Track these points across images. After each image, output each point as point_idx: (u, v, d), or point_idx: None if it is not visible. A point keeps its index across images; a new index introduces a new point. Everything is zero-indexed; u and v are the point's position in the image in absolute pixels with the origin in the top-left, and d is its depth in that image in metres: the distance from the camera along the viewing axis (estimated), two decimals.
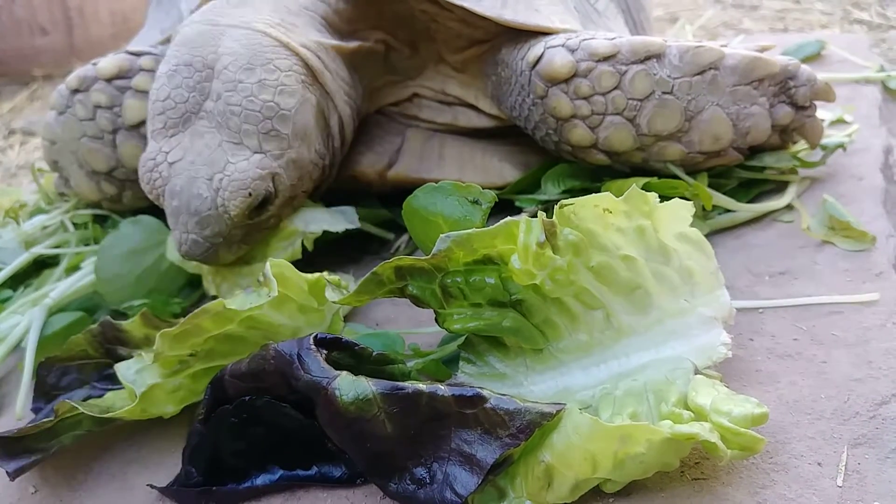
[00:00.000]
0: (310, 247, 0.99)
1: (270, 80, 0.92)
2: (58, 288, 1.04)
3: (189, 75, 0.92)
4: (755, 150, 1.03)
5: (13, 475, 0.77)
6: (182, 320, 0.78)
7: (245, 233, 0.94)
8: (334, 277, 0.84)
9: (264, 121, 0.91)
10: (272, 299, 0.79)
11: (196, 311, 0.77)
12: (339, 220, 1.03)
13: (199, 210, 0.88)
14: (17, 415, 0.90)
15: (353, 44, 1.07)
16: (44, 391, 0.86)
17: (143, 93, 1.05)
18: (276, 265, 0.80)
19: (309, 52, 0.98)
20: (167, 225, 1.07)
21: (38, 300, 1.02)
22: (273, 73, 0.92)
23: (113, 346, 0.85)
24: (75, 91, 1.07)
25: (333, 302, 0.79)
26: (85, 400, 0.83)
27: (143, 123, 1.05)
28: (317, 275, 0.82)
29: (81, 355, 0.86)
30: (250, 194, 0.89)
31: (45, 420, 0.78)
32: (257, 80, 0.91)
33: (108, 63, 1.07)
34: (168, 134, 0.91)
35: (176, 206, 0.89)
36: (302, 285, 0.82)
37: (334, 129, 1.03)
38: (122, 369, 0.80)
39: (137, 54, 1.08)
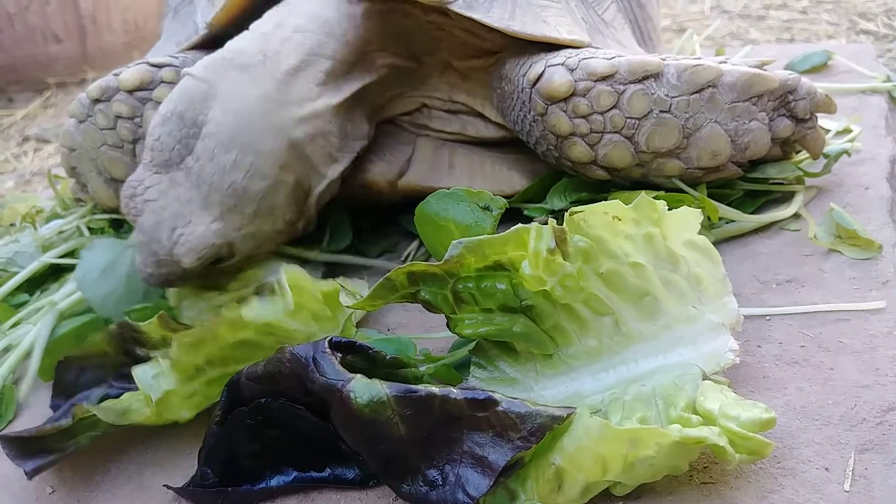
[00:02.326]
0: None
1: (245, 162, 0.92)
2: (70, 293, 1.06)
3: (178, 128, 0.92)
4: (757, 163, 1.04)
5: (31, 474, 0.78)
6: (194, 327, 0.80)
7: (204, 274, 0.95)
8: (348, 284, 0.85)
9: (229, 198, 0.91)
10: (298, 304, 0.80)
11: (212, 318, 0.79)
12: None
13: (156, 252, 0.89)
14: (21, 399, 0.93)
15: (351, 90, 1.06)
16: (63, 388, 0.87)
17: None
18: (292, 274, 0.81)
19: (300, 129, 0.97)
20: None
21: (51, 306, 1.03)
22: (248, 157, 0.92)
23: (131, 347, 0.86)
24: (96, 101, 1.09)
25: (347, 307, 0.80)
26: (102, 399, 0.84)
27: None
28: (331, 282, 0.84)
29: (100, 354, 0.88)
30: (201, 258, 0.90)
31: (62, 421, 0.79)
32: (232, 161, 0.91)
33: (131, 75, 1.08)
34: (153, 170, 0.93)
35: (141, 240, 0.91)
36: (317, 295, 0.84)
37: (316, 194, 1.02)
38: (139, 373, 0.81)
39: (159, 66, 1.09)
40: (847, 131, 1.22)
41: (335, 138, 1.04)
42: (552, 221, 0.74)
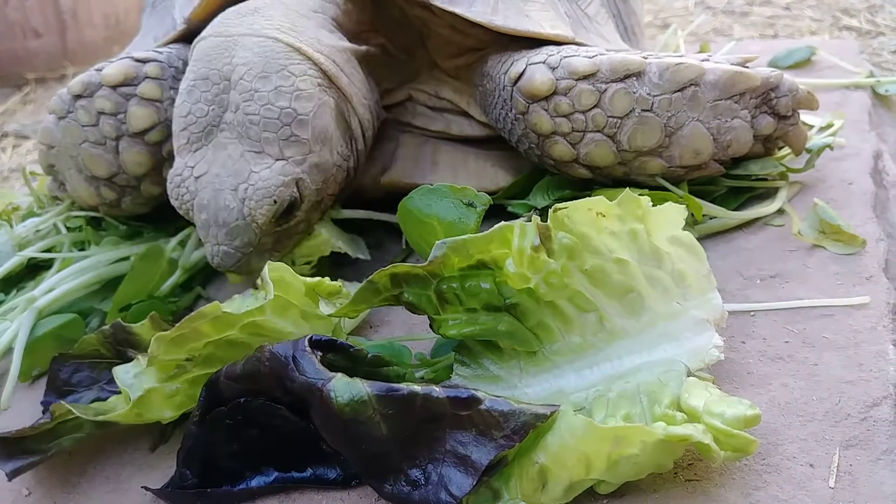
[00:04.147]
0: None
1: (286, 86, 0.92)
2: (48, 290, 1.04)
3: (207, 89, 0.93)
4: (740, 159, 1.03)
5: (11, 475, 0.77)
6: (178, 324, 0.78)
7: (275, 240, 0.95)
8: (335, 285, 0.83)
9: (283, 127, 0.91)
10: (274, 305, 0.78)
11: (192, 314, 0.77)
12: (356, 247, 1.06)
13: (226, 221, 0.89)
14: (3, 405, 0.91)
15: (363, 47, 1.07)
16: (55, 387, 0.86)
17: (149, 100, 1.04)
18: (275, 269, 0.80)
19: (322, 55, 0.98)
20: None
21: (29, 303, 1.01)
22: (288, 80, 0.93)
23: (123, 348, 0.85)
24: (78, 96, 1.06)
25: (328, 315, 0.79)
26: (93, 402, 0.82)
27: (147, 131, 1.05)
28: (316, 279, 0.82)
29: (94, 354, 0.86)
30: (275, 201, 0.89)
31: (44, 422, 0.78)
32: (273, 88, 0.92)
33: (114, 70, 1.05)
34: (192, 149, 0.92)
35: (205, 219, 0.90)
36: (301, 289, 0.82)
37: (356, 130, 1.03)
38: (121, 373, 0.80)
39: (143, 61, 1.07)
40: (830, 126, 1.22)
41: (359, 83, 1.04)
42: (536, 218, 0.74)
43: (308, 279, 0.82)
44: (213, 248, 0.91)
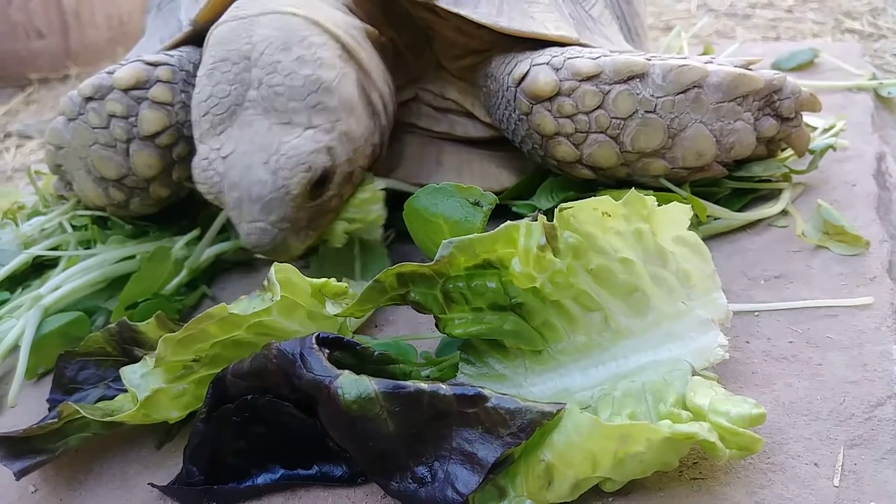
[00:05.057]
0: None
1: (308, 55, 0.91)
2: (54, 288, 1.04)
3: (227, 69, 0.91)
4: (743, 161, 1.04)
5: (18, 475, 0.77)
6: (185, 324, 0.78)
7: (310, 216, 0.93)
8: (341, 285, 0.82)
9: (310, 94, 0.90)
10: (281, 305, 0.78)
11: (200, 315, 0.77)
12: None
13: (260, 195, 0.87)
14: (10, 402, 0.91)
15: (376, 31, 1.07)
16: (62, 384, 0.86)
17: (160, 104, 1.04)
18: (281, 270, 0.79)
19: (340, 30, 0.98)
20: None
21: (34, 301, 1.02)
22: (310, 49, 0.91)
23: (129, 347, 0.85)
24: (89, 99, 1.05)
25: (335, 315, 0.79)
26: (98, 400, 0.83)
27: (158, 134, 1.05)
28: (322, 280, 0.82)
29: (100, 352, 0.86)
30: (309, 168, 0.87)
31: (51, 421, 0.78)
32: (296, 58, 0.90)
33: (125, 73, 1.04)
34: (216, 132, 0.91)
35: (237, 198, 0.88)
36: (307, 290, 0.82)
37: (377, 105, 1.02)
38: (128, 373, 0.80)
39: (154, 64, 1.06)
40: (833, 128, 1.23)
41: (373, 52, 1.03)
42: (542, 218, 0.74)
43: (314, 280, 0.82)
44: (248, 227, 0.88)
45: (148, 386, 0.78)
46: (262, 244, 0.89)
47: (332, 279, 0.83)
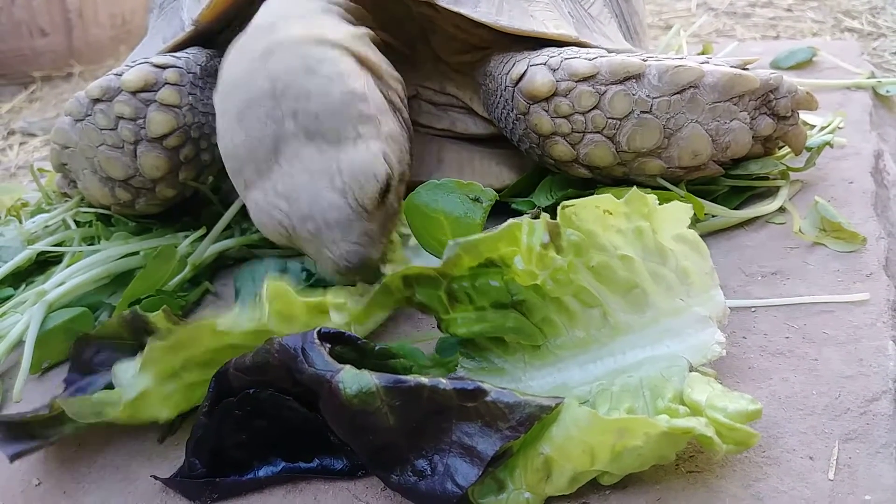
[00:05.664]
0: None
1: (333, 72, 0.89)
2: (58, 284, 1.05)
3: (256, 112, 0.87)
4: (739, 159, 1.04)
5: (12, 458, 0.78)
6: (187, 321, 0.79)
7: (380, 225, 0.89)
8: (340, 301, 0.82)
9: (349, 108, 0.87)
10: (280, 315, 0.78)
11: (191, 324, 0.77)
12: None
13: (338, 218, 0.83)
14: (15, 397, 0.92)
15: (373, 34, 1.06)
16: (79, 365, 0.86)
17: (168, 106, 1.04)
18: (274, 287, 0.78)
19: (346, 40, 0.96)
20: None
21: (39, 297, 1.02)
22: (331, 66, 0.89)
23: (142, 335, 0.84)
24: (97, 100, 1.05)
25: (343, 324, 0.80)
26: (108, 386, 0.83)
27: (166, 136, 1.05)
28: (319, 298, 0.82)
29: (116, 336, 0.86)
30: (375, 176, 0.84)
31: (41, 413, 0.79)
32: (322, 78, 0.88)
33: (134, 75, 1.04)
34: (264, 174, 0.87)
35: (313, 229, 0.84)
36: (303, 308, 0.82)
37: (397, 102, 1.00)
38: (120, 371, 0.80)
39: (162, 67, 1.06)
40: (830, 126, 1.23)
41: (379, 54, 1.02)
42: (545, 216, 0.75)
43: (310, 299, 0.81)
44: (336, 253, 0.85)
45: (136, 387, 0.78)
46: (356, 264, 0.85)
47: (330, 295, 0.83)
